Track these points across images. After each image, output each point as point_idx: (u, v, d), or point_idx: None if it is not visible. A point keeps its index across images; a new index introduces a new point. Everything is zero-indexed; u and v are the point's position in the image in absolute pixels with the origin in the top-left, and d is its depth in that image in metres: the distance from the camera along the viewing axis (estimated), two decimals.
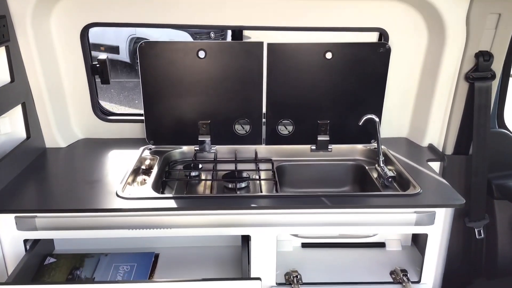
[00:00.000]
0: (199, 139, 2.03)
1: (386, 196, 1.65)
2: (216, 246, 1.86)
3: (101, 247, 1.80)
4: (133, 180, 1.81)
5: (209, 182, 1.89)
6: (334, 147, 2.07)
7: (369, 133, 2.08)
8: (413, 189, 1.69)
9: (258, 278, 1.39)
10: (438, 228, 1.69)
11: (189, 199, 1.62)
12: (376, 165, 1.95)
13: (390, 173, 1.85)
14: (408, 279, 1.74)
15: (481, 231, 2.05)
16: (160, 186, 1.80)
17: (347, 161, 2.10)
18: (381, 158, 1.92)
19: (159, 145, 2.07)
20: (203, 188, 1.86)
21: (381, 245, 1.99)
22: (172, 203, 1.58)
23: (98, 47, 7.17)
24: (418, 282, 1.77)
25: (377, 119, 1.89)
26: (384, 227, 1.67)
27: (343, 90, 1.99)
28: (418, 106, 2.11)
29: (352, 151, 2.11)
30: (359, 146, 2.11)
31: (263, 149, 2.09)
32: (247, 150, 2.09)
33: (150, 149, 2.05)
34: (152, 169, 1.89)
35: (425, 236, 1.71)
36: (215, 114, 2.01)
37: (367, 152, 2.10)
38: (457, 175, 2.06)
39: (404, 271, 1.76)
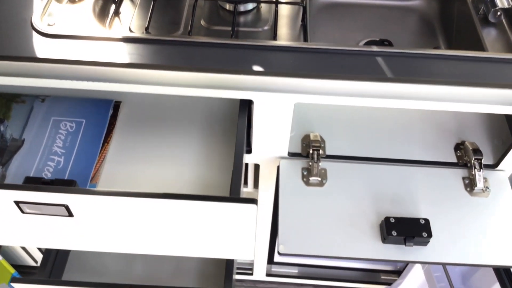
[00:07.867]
0: None
1: (482, 60, 0.96)
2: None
3: (36, 87, 1.11)
4: None
5: None
6: None
7: None
8: None
9: (253, 201, 0.87)
10: None
11: (157, 45, 0.95)
12: None
13: (500, 2, 1.08)
14: (480, 162, 1.18)
15: None
16: None
17: None
18: None
19: None
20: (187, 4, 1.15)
21: None
22: (131, 51, 0.93)
23: None
24: (494, 166, 1.22)
25: None
26: (463, 104, 1.03)
27: None
28: None
29: None
30: None
31: None
32: None
33: None
34: None
35: None
36: None
37: None
38: None
39: (477, 153, 1.19)
